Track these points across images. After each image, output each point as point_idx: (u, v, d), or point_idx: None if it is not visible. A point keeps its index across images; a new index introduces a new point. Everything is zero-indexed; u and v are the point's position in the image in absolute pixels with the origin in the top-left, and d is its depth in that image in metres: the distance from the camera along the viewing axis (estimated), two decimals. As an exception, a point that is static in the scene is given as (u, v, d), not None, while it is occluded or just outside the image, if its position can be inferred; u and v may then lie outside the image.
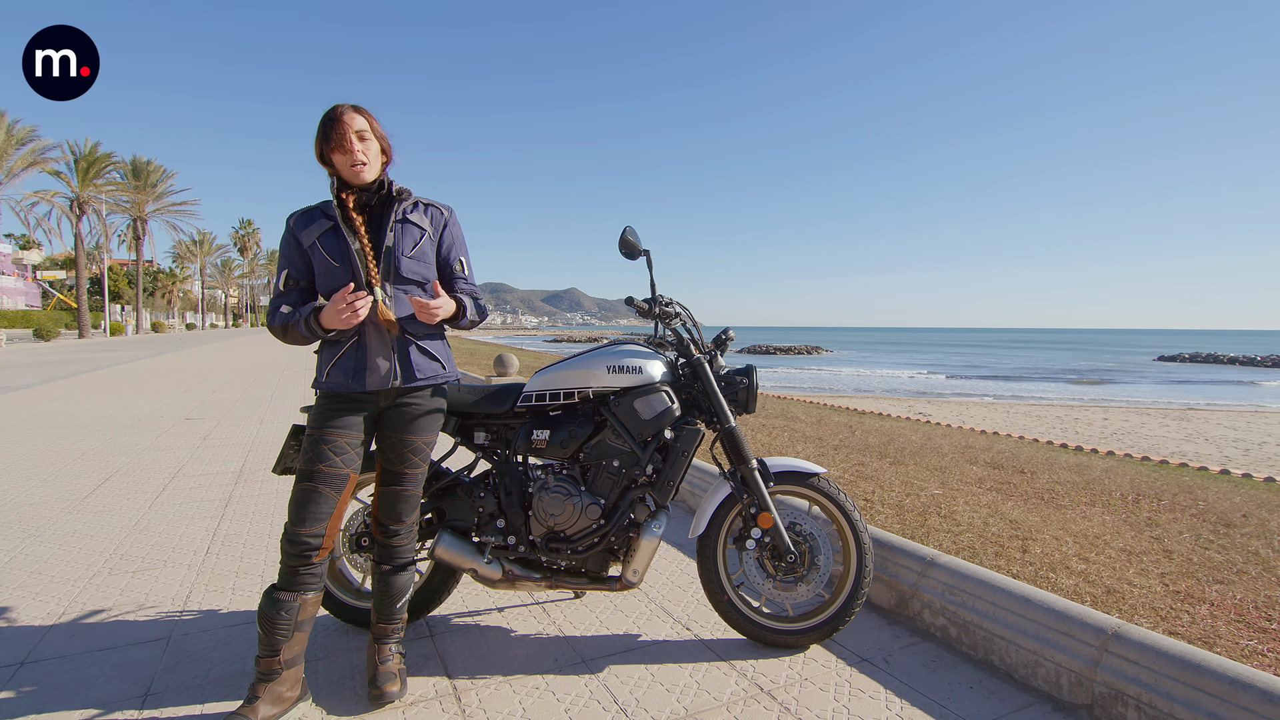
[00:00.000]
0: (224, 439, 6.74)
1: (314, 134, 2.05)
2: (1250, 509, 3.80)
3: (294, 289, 2.11)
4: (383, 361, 2.08)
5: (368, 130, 2.05)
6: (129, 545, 3.56)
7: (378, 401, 2.13)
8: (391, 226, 2.10)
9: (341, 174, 2.06)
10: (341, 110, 2.03)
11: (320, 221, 2.07)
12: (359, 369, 2.06)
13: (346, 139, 2.01)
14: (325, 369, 2.09)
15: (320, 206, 2.11)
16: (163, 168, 44.94)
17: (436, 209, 2.23)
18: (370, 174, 2.08)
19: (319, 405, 2.11)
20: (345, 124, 2.01)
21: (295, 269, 2.11)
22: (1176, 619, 2.39)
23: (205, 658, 2.39)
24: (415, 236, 2.14)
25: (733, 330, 2.64)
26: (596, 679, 2.26)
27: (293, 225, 2.10)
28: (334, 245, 2.04)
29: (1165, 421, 16.63)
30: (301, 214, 2.11)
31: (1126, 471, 4.96)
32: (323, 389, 2.10)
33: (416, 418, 2.16)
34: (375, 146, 2.08)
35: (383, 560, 2.23)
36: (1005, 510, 3.67)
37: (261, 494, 4.61)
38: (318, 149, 2.06)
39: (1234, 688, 1.73)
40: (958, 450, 5.55)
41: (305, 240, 2.06)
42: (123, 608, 2.80)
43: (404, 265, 2.11)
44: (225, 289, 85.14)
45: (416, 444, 2.17)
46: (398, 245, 2.10)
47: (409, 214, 2.15)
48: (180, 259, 67.69)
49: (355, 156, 2.02)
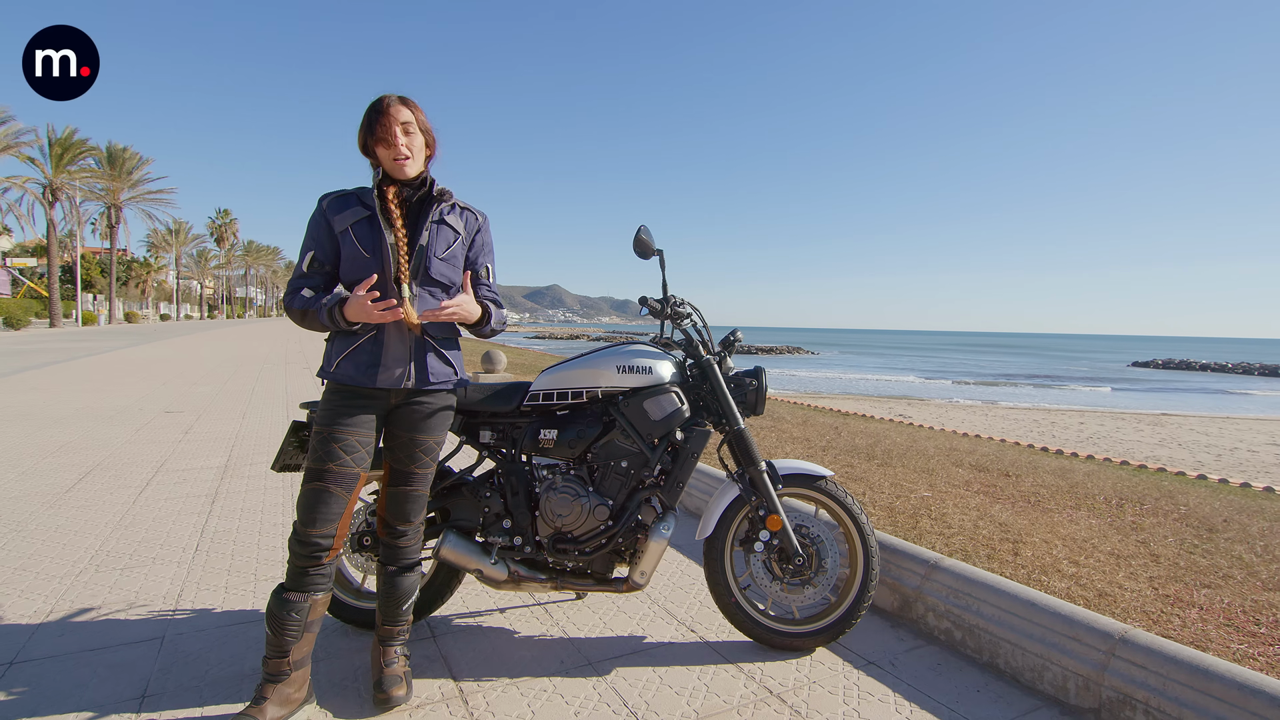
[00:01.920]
0: (206, 433, 6.61)
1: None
2: (1230, 514, 3.87)
3: (318, 272, 2.06)
4: (398, 360, 2.04)
5: (413, 123, 2.01)
6: (115, 541, 3.48)
7: (388, 399, 2.08)
8: (428, 226, 2.06)
9: (384, 167, 2.02)
10: (388, 102, 1.98)
11: (356, 208, 2.01)
12: (373, 364, 2.01)
13: (391, 132, 1.96)
14: (336, 359, 2.02)
15: (356, 192, 2.05)
16: (139, 155, 44.03)
17: (472, 214, 2.20)
18: (414, 169, 2.03)
19: (327, 400, 2.05)
20: (391, 116, 1.96)
21: (323, 252, 2.05)
22: (1168, 623, 2.42)
23: (202, 659, 2.33)
24: (449, 239, 2.11)
25: (740, 331, 2.63)
26: (604, 681, 2.24)
27: (325, 207, 2.04)
28: (368, 235, 2.00)
29: (1140, 426, 16.96)
30: (337, 197, 2.05)
31: (1108, 475, 5.04)
32: (332, 380, 2.05)
33: (428, 416, 2.13)
34: (420, 140, 2.04)
35: (389, 561, 2.19)
36: (994, 513, 3.70)
37: (249, 490, 4.53)
38: (361, 139, 2.01)
39: (1242, 693, 1.76)
40: (943, 453, 5.60)
41: (338, 225, 2.01)
42: (112, 606, 2.73)
43: (434, 266, 2.07)
44: (201, 280, 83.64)
45: (428, 443, 2.13)
46: (431, 245, 2.06)
47: (446, 215, 2.11)
48: (155, 248, 66.33)
49: (400, 150, 1.98)
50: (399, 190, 2.05)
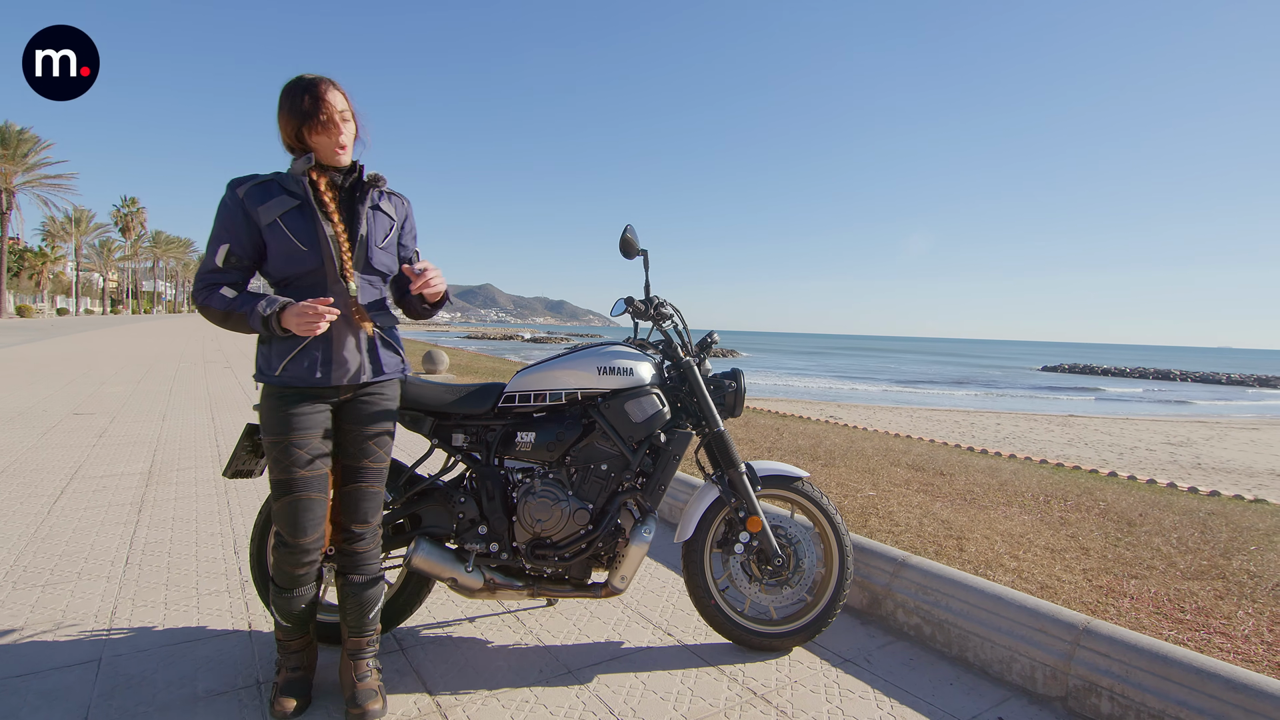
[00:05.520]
0: (123, 436, 6.15)
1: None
2: (1144, 509, 4.16)
3: (235, 268, 1.90)
4: (352, 355, 1.94)
5: (348, 110, 1.91)
6: (31, 556, 3.18)
7: (338, 395, 1.98)
8: (365, 214, 1.96)
9: (320, 155, 1.90)
10: (325, 88, 1.85)
11: (282, 198, 1.86)
12: (326, 362, 1.91)
13: (334, 120, 1.85)
14: (280, 362, 1.89)
15: (276, 179, 1.90)
16: (37, 136, 40.77)
17: (399, 199, 2.11)
18: (349, 156, 1.94)
19: (273, 405, 1.93)
20: (330, 103, 1.85)
21: (240, 245, 1.88)
22: (1105, 612, 2.56)
23: (148, 681, 2.15)
24: (386, 227, 2.02)
25: (717, 334, 2.64)
26: (587, 689, 2.19)
27: (243, 196, 1.86)
28: (302, 227, 1.86)
29: (1050, 427, 18.02)
30: (256, 185, 1.88)
31: (1032, 474, 5.33)
32: (276, 384, 1.91)
33: (378, 409, 2.04)
34: (352, 127, 1.94)
35: (349, 570, 2.06)
36: (936, 511, 3.85)
37: (180, 497, 4.23)
38: (291, 126, 1.86)
39: (1200, 677, 1.87)
40: (880, 453, 5.80)
41: (264, 217, 1.85)
42: (37, 626, 2.49)
43: (375, 256, 1.98)
44: (104, 272, 78.05)
45: (381, 435, 2.04)
46: (371, 234, 1.97)
47: (379, 202, 2.02)
48: (52, 237, 61.46)
49: (343, 138, 1.88)
50: (331, 178, 1.94)
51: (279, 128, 1.90)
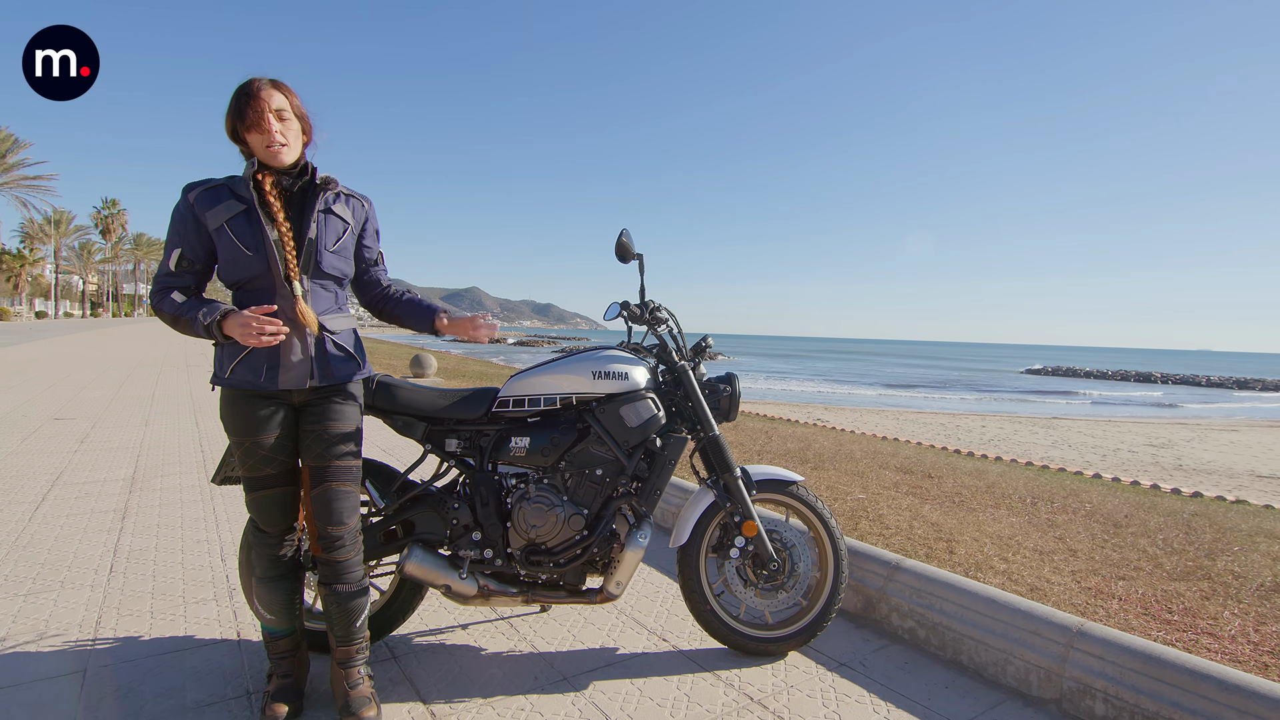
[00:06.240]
0: (105, 442, 6.06)
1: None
2: (1130, 510, 4.20)
3: (187, 271, 1.90)
4: (298, 359, 1.92)
5: (287, 109, 1.87)
6: (13, 565, 3.12)
7: (292, 397, 1.97)
8: (315, 217, 1.93)
9: (256, 154, 1.87)
10: (259, 86, 1.83)
11: (230, 202, 1.85)
12: (271, 366, 1.89)
13: (264, 117, 1.82)
14: (229, 365, 1.89)
15: (227, 183, 1.88)
16: (14, 136, 40.17)
17: (358, 200, 2.08)
18: (290, 156, 1.90)
19: (231, 408, 1.93)
20: (263, 100, 1.82)
21: (192, 250, 1.88)
22: (1094, 614, 2.58)
23: (135, 692, 2.11)
24: (339, 230, 1.99)
25: (711, 338, 2.64)
26: (583, 696, 2.18)
27: (194, 201, 1.85)
28: (247, 232, 1.84)
29: (1035, 429, 18.21)
30: (206, 190, 1.87)
31: (1018, 476, 5.37)
32: (227, 386, 1.91)
33: (337, 406, 2.01)
34: (296, 126, 1.91)
35: (332, 579, 2.01)
36: (925, 513, 3.86)
37: (164, 504, 4.17)
38: (229, 125, 1.86)
39: (1193, 678, 1.89)
40: (868, 456, 5.82)
41: (211, 222, 1.84)
42: (20, 637, 2.44)
43: (325, 260, 1.95)
44: (84, 274, 76.94)
45: (343, 432, 2.01)
46: (320, 238, 1.94)
47: (332, 205, 1.99)
48: (31, 239, 60.51)
49: (273, 136, 1.84)
50: (277, 180, 1.91)
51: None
